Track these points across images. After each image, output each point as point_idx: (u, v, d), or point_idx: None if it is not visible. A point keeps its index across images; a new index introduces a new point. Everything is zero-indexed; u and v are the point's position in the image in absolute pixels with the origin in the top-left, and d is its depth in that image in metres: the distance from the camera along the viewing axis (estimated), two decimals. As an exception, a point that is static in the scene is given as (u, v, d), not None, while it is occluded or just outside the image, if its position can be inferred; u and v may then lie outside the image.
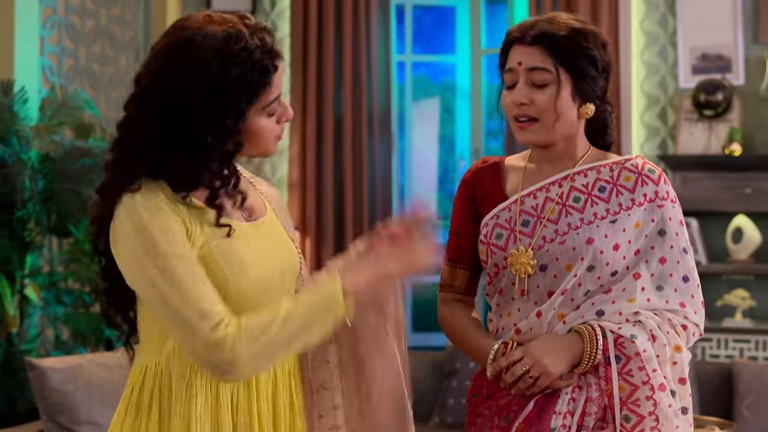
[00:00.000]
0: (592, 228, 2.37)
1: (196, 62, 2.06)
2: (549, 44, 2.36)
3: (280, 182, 6.28)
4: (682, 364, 2.34)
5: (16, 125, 5.10)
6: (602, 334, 2.30)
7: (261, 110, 2.14)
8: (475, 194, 2.53)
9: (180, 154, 2.11)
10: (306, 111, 6.10)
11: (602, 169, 2.43)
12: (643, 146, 5.76)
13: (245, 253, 2.16)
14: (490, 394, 2.44)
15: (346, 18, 6.02)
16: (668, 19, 5.72)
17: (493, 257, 2.44)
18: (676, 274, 2.38)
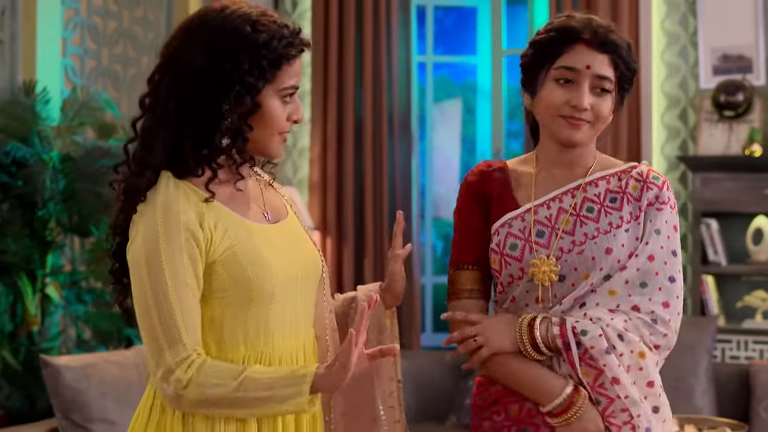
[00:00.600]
0: (610, 237, 2.38)
1: (227, 26, 2.14)
2: (616, 55, 2.38)
3: (301, 183, 6.31)
4: (648, 369, 2.35)
5: (37, 126, 5.15)
6: (560, 321, 2.33)
7: (276, 92, 2.19)
8: (484, 195, 2.49)
9: (194, 118, 2.15)
10: (327, 112, 6.12)
11: (611, 178, 2.44)
12: (664, 147, 5.74)
13: (269, 255, 2.19)
14: (496, 400, 2.44)
15: (367, 19, 6.03)
16: (689, 20, 5.70)
17: (508, 268, 2.42)
18: (662, 273, 2.38)
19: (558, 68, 2.38)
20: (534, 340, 2.33)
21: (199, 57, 2.13)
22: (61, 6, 5.61)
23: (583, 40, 2.37)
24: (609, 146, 5.60)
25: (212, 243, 2.14)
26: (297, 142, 6.34)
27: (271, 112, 2.19)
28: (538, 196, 2.45)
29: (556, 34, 2.40)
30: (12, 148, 4.94)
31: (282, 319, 2.22)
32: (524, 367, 2.37)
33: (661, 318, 2.36)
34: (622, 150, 5.62)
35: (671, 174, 5.71)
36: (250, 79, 2.13)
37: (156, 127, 2.18)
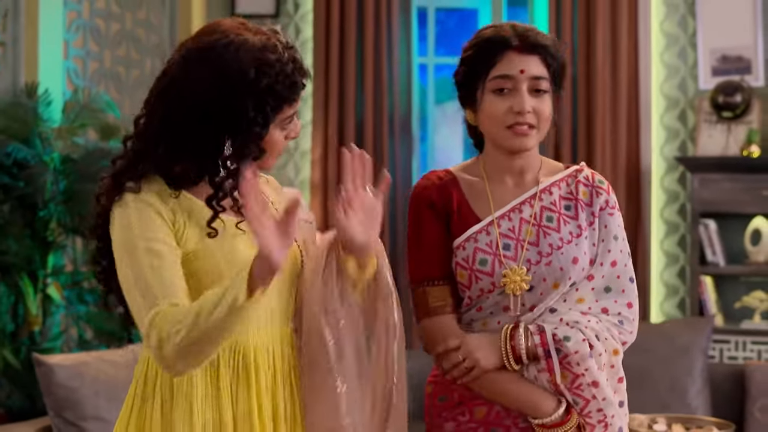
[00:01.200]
0: (572, 247, 2.43)
1: (232, 67, 2.15)
2: (546, 53, 2.42)
3: (302, 184, 6.34)
4: (618, 365, 2.44)
5: (39, 127, 5.20)
6: (539, 329, 2.36)
7: (278, 123, 2.24)
8: (443, 208, 2.48)
9: (190, 152, 2.20)
10: (328, 114, 6.15)
11: (561, 184, 2.50)
12: (663, 148, 5.75)
13: (243, 249, 2.24)
14: (460, 402, 2.46)
15: (368, 21, 6.06)
16: (688, 21, 5.72)
17: (478, 282, 2.43)
18: (623, 276, 2.47)
19: (493, 79, 2.42)
20: (516, 352, 2.36)
21: (200, 96, 2.17)
22: (63, 8, 5.66)
23: (512, 47, 2.40)
24: (609, 147, 5.62)
25: (184, 234, 2.20)
26: (299, 144, 6.37)
27: (274, 142, 2.27)
28: (496, 207, 2.47)
29: (485, 46, 2.44)
30: (13, 150, 4.99)
31: (256, 311, 2.23)
32: (513, 387, 2.41)
33: (626, 318, 2.45)
34: (621, 151, 5.64)
35: (670, 174, 5.73)
36: (256, 128, 2.19)
37: (147, 151, 2.24)
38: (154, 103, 2.24)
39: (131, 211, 2.18)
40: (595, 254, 2.44)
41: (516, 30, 2.43)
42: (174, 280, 2.15)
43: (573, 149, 5.74)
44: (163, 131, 2.21)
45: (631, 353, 4.76)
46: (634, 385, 4.75)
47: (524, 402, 2.39)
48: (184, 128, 2.19)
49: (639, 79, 5.69)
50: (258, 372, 2.28)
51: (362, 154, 2.27)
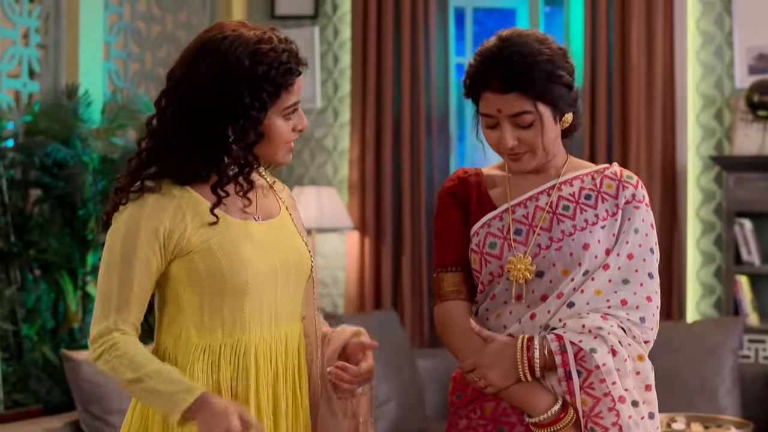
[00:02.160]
0: (586, 234, 2.43)
1: (229, 58, 2.26)
2: (525, 87, 2.37)
3: (340, 183, 6.39)
4: (645, 372, 2.39)
5: (78, 128, 5.30)
6: (561, 348, 2.34)
7: (279, 112, 2.32)
8: (463, 199, 2.54)
9: (198, 146, 2.29)
10: (365, 114, 6.20)
11: (585, 178, 2.50)
12: (699, 147, 5.73)
13: (246, 250, 2.31)
14: (473, 398, 2.48)
15: (405, 21, 6.10)
16: (724, 19, 5.68)
17: (488, 266, 2.47)
18: (641, 270, 2.43)
19: (479, 114, 2.45)
20: (531, 365, 2.36)
21: (199, 91, 2.26)
22: (104, 11, 5.76)
23: (488, 88, 2.39)
24: (644, 146, 5.61)
25: (186, 233, 2.28)
26: (337, 144, 6.42)
27: (277, 131, 2.35)
28: (514, 196, 2.50)
29: (470, 82, 2.44)
30: (53, 150, 5.10)
31: (259, 310, 2.34)
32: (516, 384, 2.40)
33: (647, 313, 2.41)
34: (657, 150, 5.62)
35: (706, 174, 5.70)
36: (252, 112, 2.27)
37: (158, 149, 2.32)
38: (163, 102, 2.32)
39: (133, 217, 2.28)
40: (613, 245, 2.44)
41: (499, 60, 2.39)
42: (133, 297, 2.26)
43: (608, 148, 5.73)
44: (173, 128, 2.29)
45: (659, 353, 4.76)
46: (663, 385, 4.76)
47: (517, 400, 2.40)
48: (191, 123, 2.27)
49: (675, 77, 5.67)
50: (258, 371, 2.33)
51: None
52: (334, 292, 6.41)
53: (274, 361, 2.37)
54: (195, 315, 2.31)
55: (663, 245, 5.62)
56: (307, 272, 2.47)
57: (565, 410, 2.36)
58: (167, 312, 2.35)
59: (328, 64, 6.45)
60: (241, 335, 2.32)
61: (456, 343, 2.49)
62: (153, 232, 2.26)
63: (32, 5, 5.50)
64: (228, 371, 2.31)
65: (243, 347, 2.33)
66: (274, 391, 2.37)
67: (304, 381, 2.45)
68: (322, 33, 6.45)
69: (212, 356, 2.31)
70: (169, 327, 2.35)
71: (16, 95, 5.46)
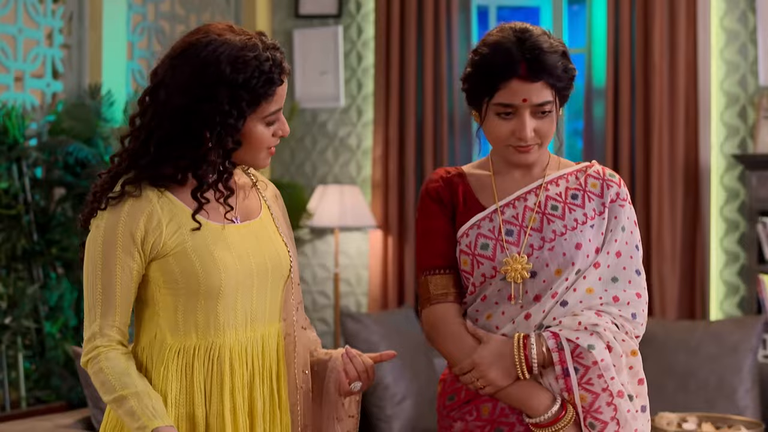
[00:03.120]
0: (577, 233, 2.44)
1: (210, 64, 2.25)
2: (550, 76, 2.39)
3: (364, 182, 6.40)
4: (637, 366, 2.41)
5: (101, 127, 5.34)
6: (557, 345, 2.35)
7: (260, 119, 2.33)
8: (448, 200, 2.54)
9: (176, 149, 2.29)
10: (389, 112, 6.21)
11: (569, 177, 2.52)
12: (723, 145, 5.68)
13: (221, 253, 2.32)
14: (468, 400, 2.48)
15: (428, 20, 6.10)
16: (748, 17, 5.64)
17: (480, 267, 2.46)
18: (629, 267, 2.46)
19: (496, 104, 2.41)
20: (528, 362, 2.37)
21: (178, 95, 2.26)
22: (127, 11, 5.80)
23: (515, 76, 2.38)
24: (666, 145, 5.57)
25: (162, 237, 2.29)
26: (360, 143, 6.43)
27: (257, 137, 2.35)
28: (501, 197, 2.50)
29: (488, 70, 2.41)
30: (75, 149, 5.14)
31: (234, 313, 2.35)
32: (513, 384, 2.41)
33: (637, 310, 2.44)
34: (680, 148, 5.58)
35: (730, 172, 5.66)
36: (230, 120, 2.27)
37: (138, 151, 2.33)
38: (145, 102, 2.33)
39: (110, 223, 2.28)
40: (602, 243, 2.45)
41: (523, 49, 2.38)
42: (117, 303, 2.29)
43: (631, 146, 5.70)
44: (151, 130, 2.29)
45: (678, 352, 4.78)
46: (681, 384, 4.77)
47: (516, 401, 2.40)
48: (168, 126, 2.27)
49: (698, 75, 5.63)
50: (234, 373, 2.35)
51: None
52: (358, 290, 6.42)
53: (250, 363, 2.38)
54: (170, 317, 2.33)
55: (686, 244, 5.60)
56: (285, 273, 2.47)
57: (564, 409, 2.36)
58: (144, 312, 2.38)
59: (351, 63, 6.47)
60: (215, 338, 2.34)
61: (449, 346, 2.48)
62: (130, 237, 2.27)
63: (56, 6, 5.55)
64: (201, 373, 2.33)
65: (217, 350, 2.34)
66: (250, 392, 2.38)
67: (283, 382, 2.46)
68: (345, 32, 6.47)
69: (186, 358, 2.33)
70: (146, 327, 2.37)
71: (40, 95, 5.51)
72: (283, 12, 6.57)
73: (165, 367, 2.31)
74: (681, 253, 5.59)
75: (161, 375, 2.31)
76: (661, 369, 4.86)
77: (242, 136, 2.32)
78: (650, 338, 4.92)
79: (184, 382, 2.32)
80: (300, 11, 6.51)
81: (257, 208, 2.48)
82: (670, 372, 4.83)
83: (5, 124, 5.01)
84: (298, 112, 6.52)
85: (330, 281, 6.45)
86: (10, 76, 5.31)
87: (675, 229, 5.57)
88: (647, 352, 4.81)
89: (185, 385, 2.32)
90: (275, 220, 2.51)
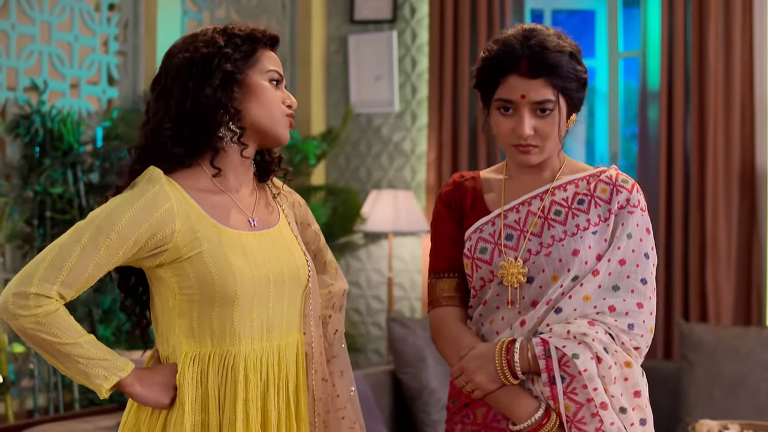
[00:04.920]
0: (576, 239, 2.42)
1: (192, 50, 2.36)
2: (552, 75, 2.37)
3: (418, 187, 6.41)
4: (634, 378, 2.38)
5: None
6: (545, 353, 2.34)
7: (260, 73, 2.38)
8: (457, 205, 2.56)
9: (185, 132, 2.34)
10: (442, 117, 6.20)
11: (580, 182, 2.48)
12: (780, 148, 5.59)
13: (237, 260, 2.33)
14: (467, 403, 2.49)
15: (481, 25, 6.09)
16: (806, 18, 5.54)
17: (478, 271, 2.48)
18: (633, 276, 2.41)
19: (497, 100, 2.41)
20: (512, 368, 2.37)
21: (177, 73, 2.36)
22: (182, 18, 5.86)
23: (515, 71, 2.37)
24: (721, 147, 5.49)
25: (175, 241, 2.29)
26: (415, 148, 6.44)
27: (262, 89, 2.39)
28: (507, 201, 2.50)
29: (490, 66, 2.42)
30: (125, 155, 5.21)
31: (250, 321, 2.35)
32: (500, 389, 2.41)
33: (636, 320, 2.39)
34: (735, 151, 5.50)
35: (786, 176, 5.57)
36: (226, 66, 2.33)
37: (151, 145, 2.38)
38: (152, 97, 2.42)
39: (125, 201, 2.29)
40: (605, 250, 2.42)
41: (526, 46, 2.38)
42: (82, 284, 2.26)
43: (685, 149, 5.63)
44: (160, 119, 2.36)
45: (727, 358, 4.71)
46: (730, 391, 4.69)
47: (501, 407, 2.41)
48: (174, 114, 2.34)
49: (754, 77, 5.54)
50: (248, 383, 2.35)
51: None
52: (412, 295, 6.42)
53: (265, 374, 2.38)
54: (185, 323, 2.33)
55: (742, 249, 5.51)
56: (303, 283, 2.48)
57: (547, 416, 2.35)
58: (162, 318, 2.37)
59: (406, 67, 6.47)
60: (230, 346, 2.34)
61: (447, 349, 2.51)
62: (135, 225, 2.26)
63: (111, 13, 5.63)
64: (216, 381, 2.34)
65: (232, 359, 2.34)
66: (264, 403, 2.38)
67: (302, 393, 2.46)
68: (400, 37, 6.48)
69: (201, 365, 2.34)
70: (164, 333, 2.38)
71: (96, 101, 5.60)
72: (338, 18, 6.60)
73: (181, 373, 2.32)
74: (737, 258, 5.51)
75: (178, 381, 2.33)
76: (710, 376, 4.80)
77: (247, 93, 2.36)
78: (699, 344, 4.86)
79: (199, 390, 2.33)
80: (355, 17, 6.53)
81: (276, 218, 2.50)
82: (719, 379, 4.76)
83: (60, 130, 5.10)
84: (353, 117, 6.54)
85: (384, 286, 6.45)
86: (66, 83, 5.40)
87: (730, 234, 5.49)
88: (695, 358, 4.81)
89: (200, 392, 2.33)
90: (293, 230, 2.52)
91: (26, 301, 2.22)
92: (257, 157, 2.51)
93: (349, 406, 2.60)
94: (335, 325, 2.63)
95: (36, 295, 2.22)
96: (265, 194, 2.52)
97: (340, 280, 2.68)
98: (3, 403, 4.85)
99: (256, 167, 2.53)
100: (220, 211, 2.37)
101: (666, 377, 5.01)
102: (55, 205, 5.10)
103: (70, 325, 2.25)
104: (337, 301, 2.64)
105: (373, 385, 4.94)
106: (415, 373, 5.03)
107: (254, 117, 2.37)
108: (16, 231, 5.06)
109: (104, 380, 2.25)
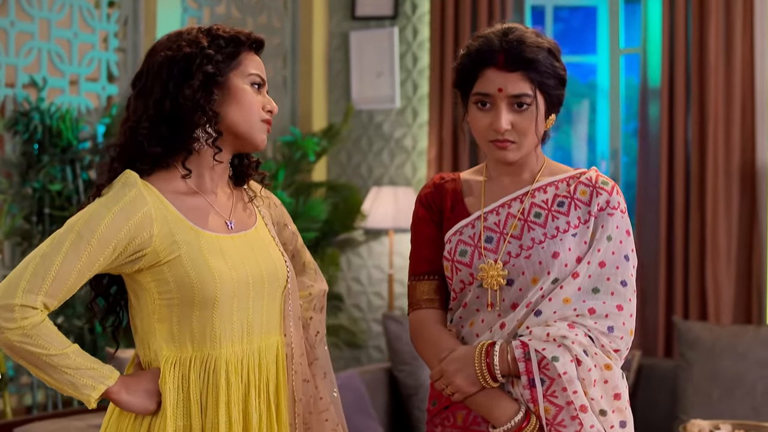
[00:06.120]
0: (556, 242, 2.41)
1: (184, 41, 2.35)
2: (529, 69, 2.37)
3: (419, 183, 6.40)
4: (614, 381, 2.37)
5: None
6: (525, 356, 2.33)
7: (242, 76, 2.37)
8: (437, 207, 2.55)
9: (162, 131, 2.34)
10: (443, 114, 6.19)
11: (560, 184, 2.47)
12: (780, 146, 5.57)
13: (215, 263, 2.32)
14: (447, 406, 2.48)
15: (482, 21, 6.07)
16: (807, 15, 5.52)
17: (458, 274, 2.47)
18: (614, 278, 2.40)
19: (474, 94, 2.41)
20: (491, 370, 2.36)
21: (159, 73, 2.35)
22: (182, 14, 5.87)
23: (493, 64, 2.37)
24: (722, 145, 5.47)
25: (153, 245, 2.28)
26: (416, 144, 6.43)
27: (243, 92, 2.38)
28: (487, 203, 2.49)
29: (468, 61, 2.42)
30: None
31: (230, 324, 2.35)
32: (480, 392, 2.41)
33: (616, 323, 2.38)
34: (735, 149, 5.48)
35: (787, 174, 5.55)
36: (207, 67, 2.32)
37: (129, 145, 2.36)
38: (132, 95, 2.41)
39: (101, 212, 2.26)
40: (584, 252, 2.41)
41: (504, 41, 2.38)
42: (65, 292, 2.24)
43: (686, 146, 5.61)
44: (138, 118, 2.35)
45: (724, 357, 4.70)
46: (726, 390, 4.68)
47: (481, 409, 2.41)
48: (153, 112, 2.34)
49: (755, 74, 5.51)
50: (229, 387, 2.35)
51: None
52: (412, 292, 6.40)
53: (246, 376, 2.38)
54: (165, 327, 2.32)
55: (742, 246, 5.49)
56: (282, 283, 2.47)
57: (527, 419, 2.35)
58: (142, 323, 2.36)
59: (407, 64, 6.47)
60: (211, 350, 2.33)
61: (426, 352, 2.50)
62: (114, 230, 2.24)
63: (111, 10, 5.64)
64: (197, 386, 2.33)
65: (213, 362, 2.34)
66: (245, 406, 2.38)
67: (282, 395, 2.46)
68: (401, 33, 6.47)
69: (182, 369, 2.33)
70: (144, 338, 2.37)
71: (96, 98, 5.60)
72: (339, 14, 6.59)
73: (162, 377, 2.32)
74: (737, 255, 5.49)
75: (160, 387, 2.32)
76: (707, 375, 4.78)
77: (227, 96, 2.36)
78: (696, 343, 4.85)
79: (181, 395, 2.33)
80: (356, 13, 6.53)
81: (253, 220, 2.50)
82: (716, 378, 4.74)
83: (59, 126, 5.11)
84: (354, 114, 6.54)
85: (384, 282, 6.45)
86: (65, 79, 5.40)
87: (731, 231, 5.47)
88: (692, 356, 4.80)
89: (182, 397, 2.33)
90: (270, 231, 2.52)
91: (12, 314, 2.19)
92: (234, 160, 2.51)
93: (332, 408, 2.59)
94: (316, 326, 2.63)
95: (21, 307, 2.20)
96: (242, 196, 2.52)
97: (320, 281, 2.68)
98: (1, 400, 4.88)
99: (233, 171, 2.52)
100: (197, 214, 2.36)
101: (664, 375, 5.00)
102: (54, 202, 5.11)
103: (56, 336, 2.23)
104: (318, 302, 2.64)
105: (369, 383, 4.95)
106: (412, 371, 5.04)
107: (232, 120, 2.37)
108: (15, 228, 5.08)
109: (92, 390, 2.24)
